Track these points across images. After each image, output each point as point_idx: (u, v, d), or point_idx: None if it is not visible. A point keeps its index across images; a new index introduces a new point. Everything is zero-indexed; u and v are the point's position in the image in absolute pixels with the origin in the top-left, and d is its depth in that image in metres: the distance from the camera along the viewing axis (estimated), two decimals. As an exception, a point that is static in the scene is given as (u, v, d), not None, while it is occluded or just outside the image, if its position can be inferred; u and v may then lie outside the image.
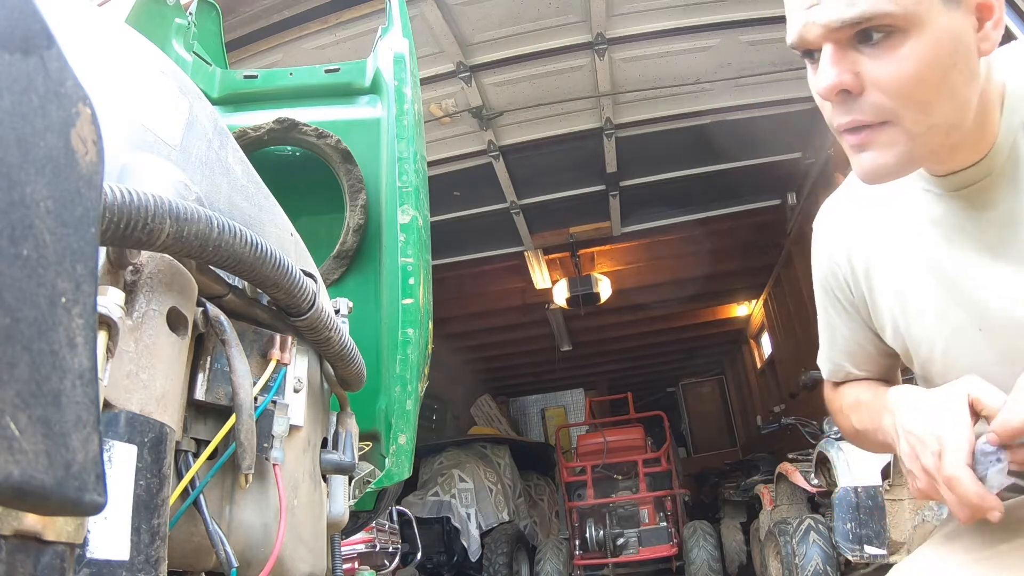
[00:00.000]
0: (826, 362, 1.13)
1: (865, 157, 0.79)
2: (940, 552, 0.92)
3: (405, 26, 1.99)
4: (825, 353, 1.12)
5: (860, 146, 0.78)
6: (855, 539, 3.53)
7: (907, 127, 0.76)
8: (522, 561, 7.03)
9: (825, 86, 0.76)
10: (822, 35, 0.76)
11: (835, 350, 1.10)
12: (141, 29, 1.33)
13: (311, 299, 0.85)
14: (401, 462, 1.56)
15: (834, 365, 1.11)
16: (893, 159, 0.78)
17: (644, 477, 6.91)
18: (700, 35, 4.70)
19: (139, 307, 0.65)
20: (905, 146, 0.77)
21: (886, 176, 0.80)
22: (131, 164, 0.68)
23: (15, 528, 0.38)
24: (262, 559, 0.80)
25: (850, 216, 1.01)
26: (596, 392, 12.09)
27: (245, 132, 1.71)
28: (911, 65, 0.73)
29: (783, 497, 5.08)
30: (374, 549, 4.76)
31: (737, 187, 6.81)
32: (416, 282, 1.64)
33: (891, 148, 0.77)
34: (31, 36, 0.35)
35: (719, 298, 10.10)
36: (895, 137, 0.77)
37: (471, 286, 8.37)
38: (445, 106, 5.17)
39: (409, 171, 1.73)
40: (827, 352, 1.12)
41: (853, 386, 1.10)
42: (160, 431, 0.65)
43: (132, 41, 0.79)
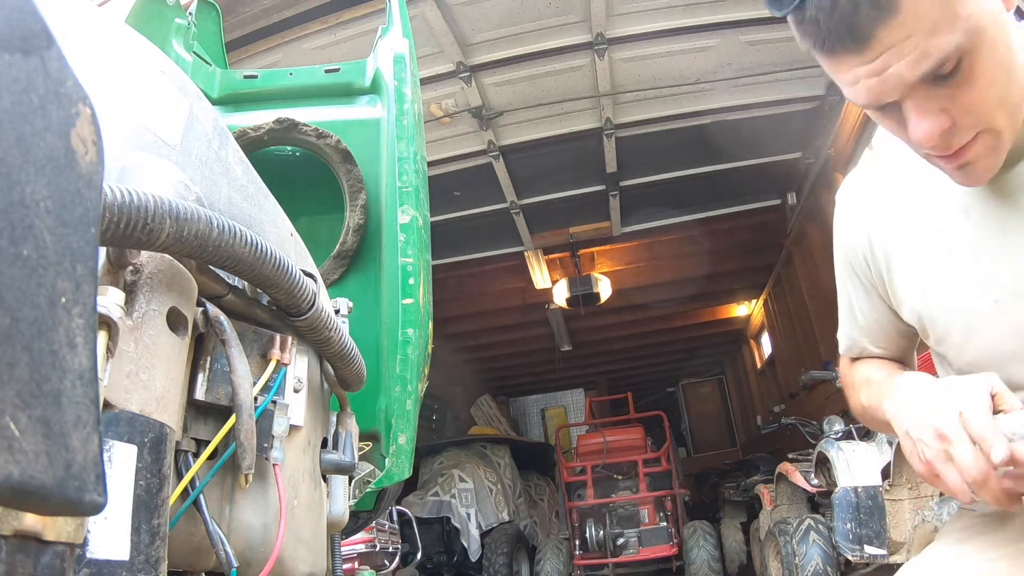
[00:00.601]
0: (844, 338, 1.13)
1: (971, 170, 0.78)
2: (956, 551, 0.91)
3: (405, 26, 1.99)
4: (844, 329, 1.12)
5: (962, 161, 0.78)
6: (855, 539, 3.53)
7: (999, 127, 0.76)
8: (522, 561, 7.03)
9: (925, 137, 0.75)
10: (903, 93, 0.74)
11: (853, 326, 1.09)
12: (141, 29, 1.33)
13: (311, 299, 0.85)
14: (401, 462, 1.56)
15: (851, 341, 1.11)
16: (997, 157, 0.78)
17: (644, 477, 6.90)
18: (700, 35, 4.70)
19: (139, 307, 0.65)
20: (1001, 143, 0.77)
21: (990, 174, 0.80)
22: (131, 164, 0.68)
23: (15, 528, 0.38)
24: (262, 559, 0.80)
25: (872, 194, 1.00)
26: (596, 392, 12.09)
27: (245, 132, 1.71)
28: (986, 75, 0.72)
29: (783, 497, 5.08)
30: (374, 549, 4.76)
31: (737, 187, 6.81)
32: (416, 282, 1.64)
33: (992, 151, 0.77)
34: (31, 36, 0.35)
35: (719, 298, 10.10)
36: (991, 141, 0.76)
37: (471, 286, 8.37)
38: (445, 106, 5.17)
39: (409, 171, 1.73)
40: (845, 328, 1.11)
41: (867, 363, 1.10)
42: (160, 431, 0.65)
43: (132, 41, 0.79)
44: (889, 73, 0.71)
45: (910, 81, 0.72)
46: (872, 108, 0.79)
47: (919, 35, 0.69)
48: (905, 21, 0.68)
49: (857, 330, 1.09)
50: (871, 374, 1.05)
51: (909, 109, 0.75)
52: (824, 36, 0.72)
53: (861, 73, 0.73)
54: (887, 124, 0.81)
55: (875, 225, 0.99)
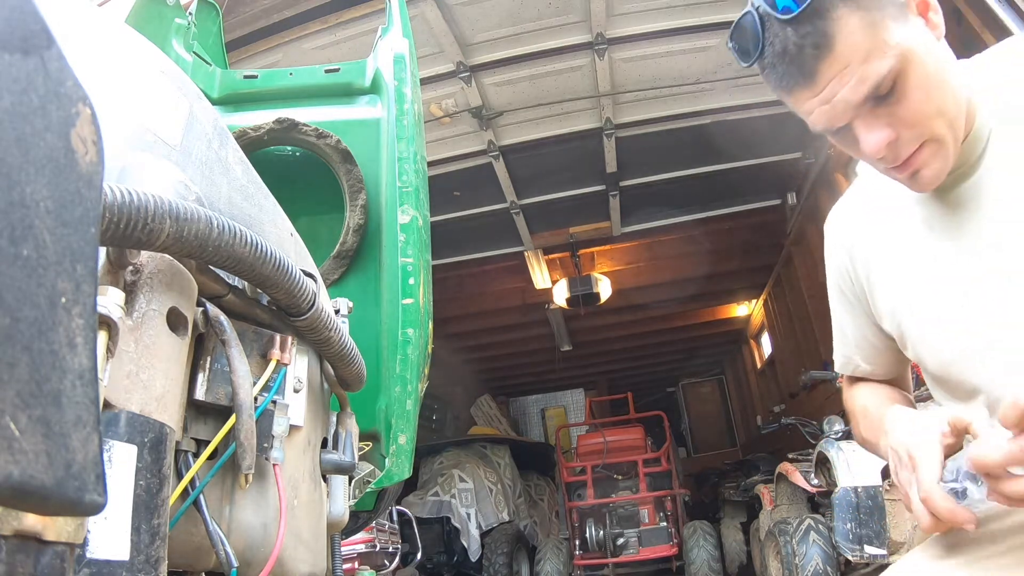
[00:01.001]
0: (838, 356, 1.18)
1: (923, 175, 0.87)
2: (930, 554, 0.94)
3: (405, 26, 1.99)
4: (837, 347, 1.18)
5: (913, 169, 0.87)
6: (855, 539, 3.53)
7: (940, 135, 0.85)
8: (522, 561, 7.03)
9: (873, 149, 0.85)
10: (847, 115, 0.85)
11: (845, 344, 1.15)
12: (141, 29, 1.33)
13: (311, 299, 0.85)
14: (401, 462, 1.56)
15: (845, 359, 1.17)
16: (941, 162, 0.86)
17: (644, 477, 6.90)
18: (700, 35, 4.70)
19: (139, 307, 0.65)
20: (944, 149, 0.86)
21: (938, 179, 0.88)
22: (131, 164, 0.68)
23: (15, 528, 0.38)
24: (262, 559, 0.80)
25: (853, 214, 1.09)
26: (596, 392, 12.09)
27: (245, 132, 1.71)
28: (920, 90, 0.83)
29: (783, 497, 5.08)
30: (374, 549, 4.76)
31: (737, 187, 6.80)
32: (416, 282, 1.64)
33: (936, 156, 0.86)
34: (31, 36, 0.35)
35: (719, 298, 10.10)
36: (934, 149, 0.86)
37: (471, 286, 8.37)
38: (445, 106, 5.17)
39: (409, 171, 1.73)
40: (839, 346, 1.17)
41: (863, 390, 1.15)
42: (160, 431, 0.65)
43: (132, 41, 0.79)
44: (836, 99, 0.83)
45: (855, 103, 0.83)
46: (830, 133, 0.89)
47: (855, 64, 0.81)
48: (841, 54, 0.81)
49: (849, 347, 1.15)
50: (867, 404, 1.11)
51: (859, 128, 0.85)
52: (780, 77, 0.86)
53: (814, 103, 0.85)
54: (845, 146, 0.91)
55: (856, 243, 1.07)
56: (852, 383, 1.19)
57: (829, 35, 0.80)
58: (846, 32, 0.80)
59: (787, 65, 0.84)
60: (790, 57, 0.83)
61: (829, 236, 1.13)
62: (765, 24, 0.84)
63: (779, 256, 8.18)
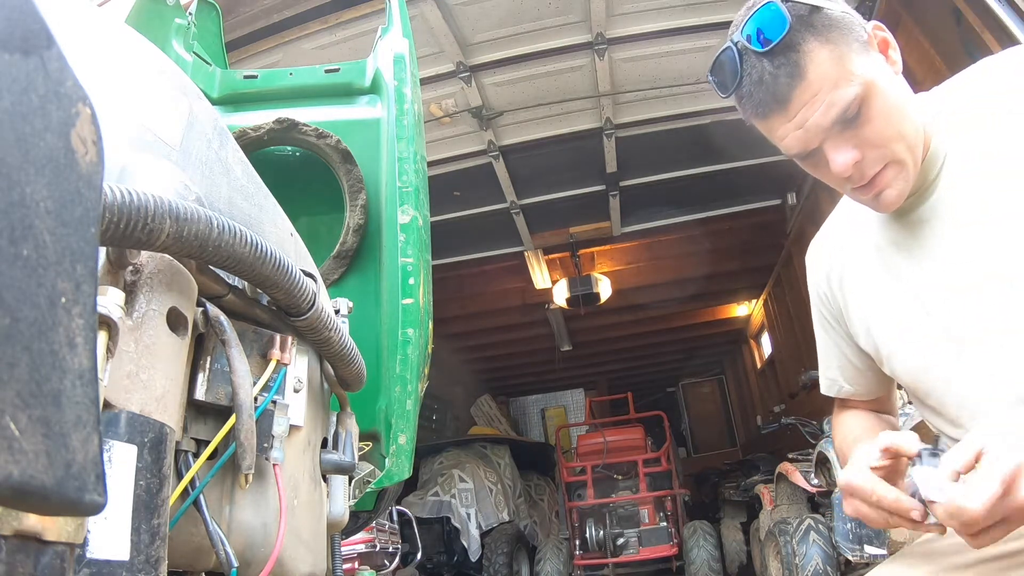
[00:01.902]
0: (824, 379, 1.25)
1: (885, 196, 0.95)
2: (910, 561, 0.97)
3: (405, 26, 1.99)
4: (822, 371, 1.25)
5: (876, 189, 0.95)
6: (855, 539, 3.53)
7: (901, 157, 0.93)
8: (522, 561, 7.03)
9: (841, 168, 0.93)
10: (818, 138, 0.93)
11: (829, 367, 1.22)
12: (141, 29, 1.33)
13: (311, 299, 0.85)
14: (401, 462, 1.56)
15: (829, 381, 1.24)
16: (902, 183, 0.94)
17: (644, 477, 6.90)
18: (700, 35, 4.70)
19: (139, 307, 0.65)
20: (904, 171, 0.94)
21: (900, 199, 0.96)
22: (131, 164, 0.68)
23: (15, 528, 0.38)
24: (262, 559, 0.80)
25: (829, 242, 1.19)
26: (596, 392, 12.08)
27: (245, 132, 1.71)
28: (881, 119, 0.91)
29: (783, 497, 5.08)
30: (374, 549, 4.76)
31: (737, 187, 6.80)
32: (416, 282, 1.64)
33: (898, 177, 0.94)
34: (31, 36, 0.35)
35: (719, 298, 10.10)
36: (896, 170, 0.94)
37: (471, 286, 8.37)
38: (445, 106, 5.16)
39: (409, 171, 1.73)
40: (823, 370, 1.24)
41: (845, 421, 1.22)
42: (160, 431, 0.65)
43: (132, 41, 0.79)
44: (809, 123, 0.91)
45: (825, 126, 0.91)
46: (802, 158, 0.97)
47: (824, 91, 0.89)
48: (812, 83, 0.89)
49: (832, 370, 1.22)
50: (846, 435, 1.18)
51: (828, 149, 0.93)
52: (757, 104, 0.93)
53: (788, 128, 0.93)
54: (814, 170, 0.98)
55: (832, 268, 1.16)
56: (839, 409, 1.26)
57: (801, 66, 0.89)
58: (816, 63, 0.89)
59: (763, 93, 0.92)
60: (766, 86, 0.91)
61: (809, 265, 1.23)
62: (743, 57, 0.93)
63: (779, 256, 8.17)
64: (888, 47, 0.96)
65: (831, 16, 0.91)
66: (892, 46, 0.96)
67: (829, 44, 0.89)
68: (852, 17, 0.93)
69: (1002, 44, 3.14)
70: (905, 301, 1.02)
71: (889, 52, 0.96)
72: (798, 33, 0.89)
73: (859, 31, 0.93)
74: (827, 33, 0.90)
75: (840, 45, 0.90)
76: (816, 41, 0.89)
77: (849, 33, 0.91)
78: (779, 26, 0.89)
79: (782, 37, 0.88)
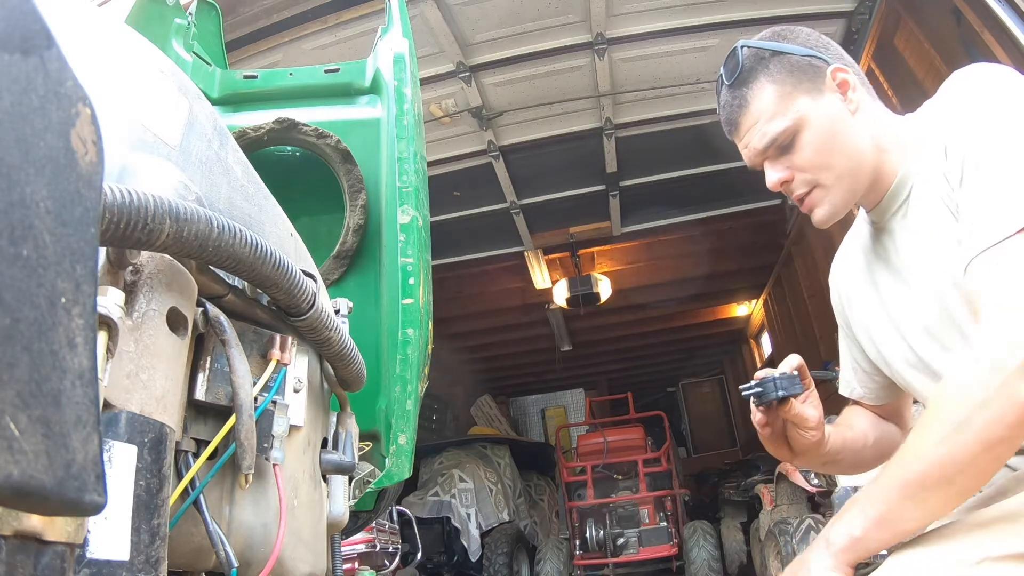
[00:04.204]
0: (842, 380, 1.37)
1: (814, 214, 1.14)
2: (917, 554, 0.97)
3: (405, 26, 1.99)
4: (842, 373, 1.37)
5: (808, 208, 1.14)
6: (855, 539, 3.52)
7: (826, 184, 1.10)
8: (522, 561, 7.03)
9: (771, 184, 1.13)
10: (758, 158, 1.13)
11: (846, 367, 1.35)
12: (141, 29, 1.33)
13: (311, 299, 0.85)
14: (401, 462, 1.56)
15: (845, 382, 1.36)
16: (828, 205, 1.12)
17: (644, 477, 6.91)
18: (700, 35, 4.70)
19: (139, 307, 0.65)
20: (829, 196, 1.11)
21: (830, 219, 1.13)
22: (131, 164, 0.68)
23: (15, 528, 0.38)
24: (262, 559, 0.80)
25: (839, 258, 1.34)
26: (596, 392, 12.08)
27: (245, 132, 1.71)
28: (809, 149, 1.09)
29: (783, 497, 5.08)
30: (374, 549, 4.76)
31: (737, 187, 6.79)
32: (416, 282, 1.64)
33: (823, 200, 1.12)
34: (31, 36, 0.35)
35: (719, 298, 10.10)
36: (821, 194, 1.11)
37: (471, 286, 8.37)
38: (445, 106, 5.16)
39: (409, 171, 1.73)
40: (843, 371, 1.36)
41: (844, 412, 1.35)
42: (160, 431, 0.65)
43: (132, 41, 0.79)
44: (750, 146, 1.12)
45: (759, 150, 1.11)
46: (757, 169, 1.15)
47: (762, 121, 1.10)
48: (753, 112, 1.10)
49: (848, 372, 1.34)
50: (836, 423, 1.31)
51: (766, 168, 1.13)
52: (724, 123, 1.17)
53: (740, 146, 1.15)
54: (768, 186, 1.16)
55: (841, 280, 1.31)
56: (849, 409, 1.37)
57: (747, 99, 1.10)
58: (759, 98, 1.09)
59: (725, 116, 1.15)
60: (726, 112, 1.14)
61: (831, 282, 1.36)
62: (720, 87, 1.15)
63: (779, 256, 8.17)
64: (848, 88, 1.10)
65: (790, 61, 1.09)
66: (852, 88, 1.11)
67: (775, 84, 1.08)
68: (816, 61, 1.10)
69: (1002, 44, 3.14)
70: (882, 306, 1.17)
71: (848, 93, 1.10)
72: (752, 71, 1.10)
73: (816, 74, 1.09)
74: (777, 75, 1.08)
75: (786, 86, 1.08)
76: (766, 80, 1.09)
77: (802, 76, 1.08)
78: (736, 67, 1.11)
79: (736, 75, 1.11)
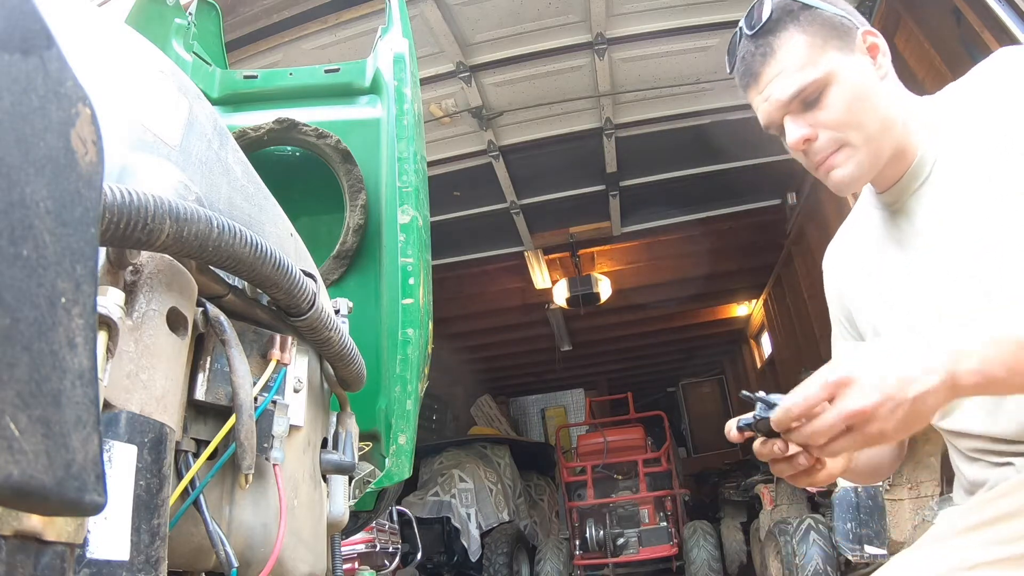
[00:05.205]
0: None
1: (834, 175, 1.06)
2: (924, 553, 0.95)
3: (405, 26, 1.99)
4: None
5: (828, 168, 1.06)
6: (855, 539, 3.53)
7: (853, 144, 1.03)
8: (522, 561, 7.03)
9: (794, 141, 1.05)
10: (779, 111, 1.05)
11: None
12: (141, 29, 1.33)
13: (311, 299, 0.85)
14: (401, 462, 1.56)
15: None
16: (854, 166, 1.04)
17: (644, 477, 6.91)
18: (700, 35, 4.70)
19: (139, 307, 0.65)
20: (856, 157, 1.03)
21: (852, 185, 1.05)
22: (131, 164, 0.68)
23: (15, 528, 0.38)
24: (262, 559, 0.80)
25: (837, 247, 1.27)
26: (596, 392, 12.08)
27: (245, 132, 1.71)
28: (840, 105, 1.02)
29: (783, 497, 5.08)
30: (374, 549, 4.76)
31: (737, 187, 6.80)
32: (416, 282, 1.64)
33: (848, 162, 1.04)
34: (31, 36, 0.35)
35: (719, 298, 10.09)
36: (848, 154, 1.04)
37: (471, 286, 8.36)
38: (445, 106, 5.16)
39: (409, 171, 1.73)
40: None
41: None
42: (160, 431, 0.65)
43: (132, 41, 0.79)
44: (772, 98, 1.05)
45: (784, 101, 1.04)
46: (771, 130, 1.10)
47: (789, 70, 1.02)
48: (779, 60, 1.03)
49: None
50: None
51: (787, 124, 1.05)
52: (740, 77, 1.10)
53: (759, 100, 1.07)
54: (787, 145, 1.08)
55: (841, 269, 1.24)
56: None
57: (773, 47, 1.03)
58: (788, 47, 1.02)
59: (744, 68, 1.08)
60: (747, 63, 1.07)
61: (825, 272, 1.30)
62: (740, 39, 1.09)
63: (779, 256, 8.17)
64: (878, 52, 1.05)
65: (821, 15, 1.03)
66: (882, 52, 1.06)
67: (806, 35, 1.02)
68: (846, 21, 1.04)
69: (1002, 44, 3.14)
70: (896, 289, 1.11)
71: (878, 57, 1.05)
72: (780, 22, 1.03)
73: (847, 33, 1.04)
74: (808, 27, 1.02)
75: (817, 38, 1.02)
76: (795, 29, 1.02)
77: (832, 32, 1.02)
78: (764, 14, 1.04)
79: (764, 23, 1.04)
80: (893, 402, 0.78)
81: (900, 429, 0.80)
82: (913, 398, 0.78)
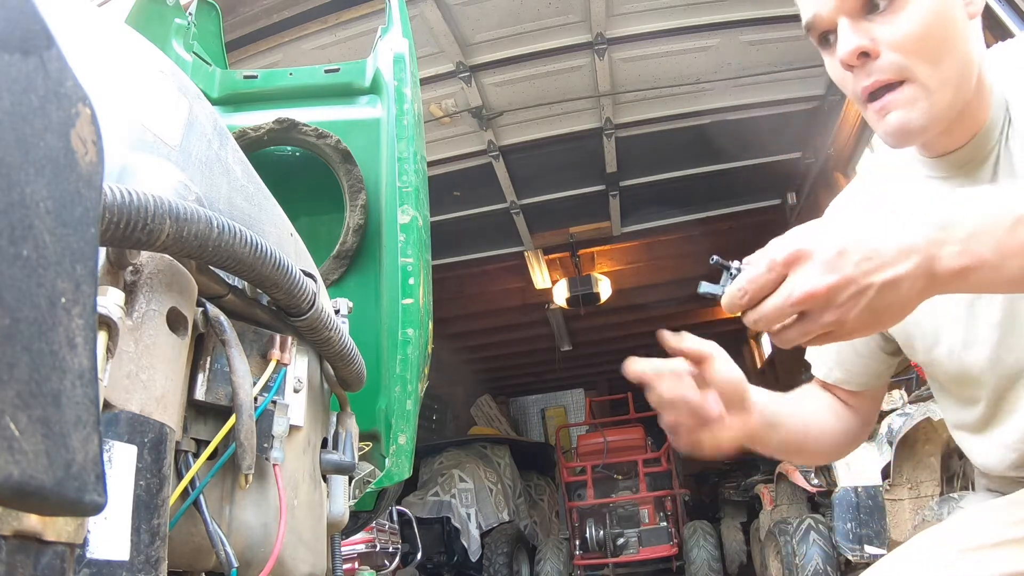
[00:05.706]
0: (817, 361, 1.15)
1: (891, 118, 0.82)
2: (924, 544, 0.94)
3: (405, 26, 1.99)
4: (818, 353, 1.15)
5: (884, 109, 0.82)
6: (855, 539, 3.53)
7: (923, 81, 0.80)
8: (522, 561, 7.03)
9: (847, 51, 0.81)
10: (836, 9, 0.81)
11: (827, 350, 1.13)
12: (141, 29, 1.33)
13: (311, 299, 0.85)
14: (401, 462, 1.56)
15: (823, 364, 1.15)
16: (917, 114, 0.81)
17: (644, 477, 6.91)
18: (700, 35, 4.71)
19: (139, 307, 0.65)
20: (925, 101, 0.81)
21: (912, 135, 0.83)
22: (131, 164, 0.68)
23: (15, 528, 0.38)
24: (262, 559, 0.80)
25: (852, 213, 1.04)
26: (596, 392, 12.07)
27: (245, 132, 1.71)
28: (917, 22, 0.78)
29: (783, 497, 5.08)
30: (374, 549, 4.76)
31: (737, 187, 6.81)
32: (416, 282, 1.64)
33: (913, 105, 0.81)
34: (31, 36, 0.35)
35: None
36: (915, 94, 0.81)
37: (471, 286, 8.37)
38: (445, 106, 5.17)
39: (409, 171, 1.73)
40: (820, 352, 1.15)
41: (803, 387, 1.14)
42: (160, 431, 0.65)
43: (132, 41, 0.79)
44: None
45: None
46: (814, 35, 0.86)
47: None
48: None
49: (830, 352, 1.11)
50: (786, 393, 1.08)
51: (842, 29, 0.82)
52: None
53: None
54: (831, 66, 0.87)
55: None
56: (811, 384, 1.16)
57: None
58: None
59: None
60: None
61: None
62: None
63: (779, 256, 8.16)
64: None
65: None
66: None
67: None
68: None
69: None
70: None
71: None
72: None
73: None
74: None
75: None
76: None
77: None
78: None
79: None
80: (855, 286, 0.64)
81: (864, 323, 0.66)
82: (880, 284, 0.64)
